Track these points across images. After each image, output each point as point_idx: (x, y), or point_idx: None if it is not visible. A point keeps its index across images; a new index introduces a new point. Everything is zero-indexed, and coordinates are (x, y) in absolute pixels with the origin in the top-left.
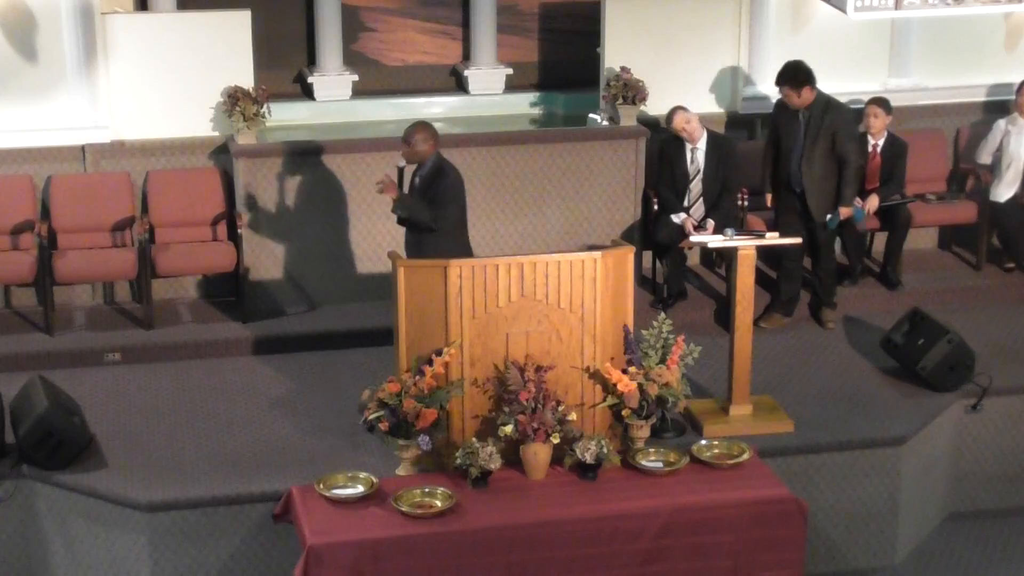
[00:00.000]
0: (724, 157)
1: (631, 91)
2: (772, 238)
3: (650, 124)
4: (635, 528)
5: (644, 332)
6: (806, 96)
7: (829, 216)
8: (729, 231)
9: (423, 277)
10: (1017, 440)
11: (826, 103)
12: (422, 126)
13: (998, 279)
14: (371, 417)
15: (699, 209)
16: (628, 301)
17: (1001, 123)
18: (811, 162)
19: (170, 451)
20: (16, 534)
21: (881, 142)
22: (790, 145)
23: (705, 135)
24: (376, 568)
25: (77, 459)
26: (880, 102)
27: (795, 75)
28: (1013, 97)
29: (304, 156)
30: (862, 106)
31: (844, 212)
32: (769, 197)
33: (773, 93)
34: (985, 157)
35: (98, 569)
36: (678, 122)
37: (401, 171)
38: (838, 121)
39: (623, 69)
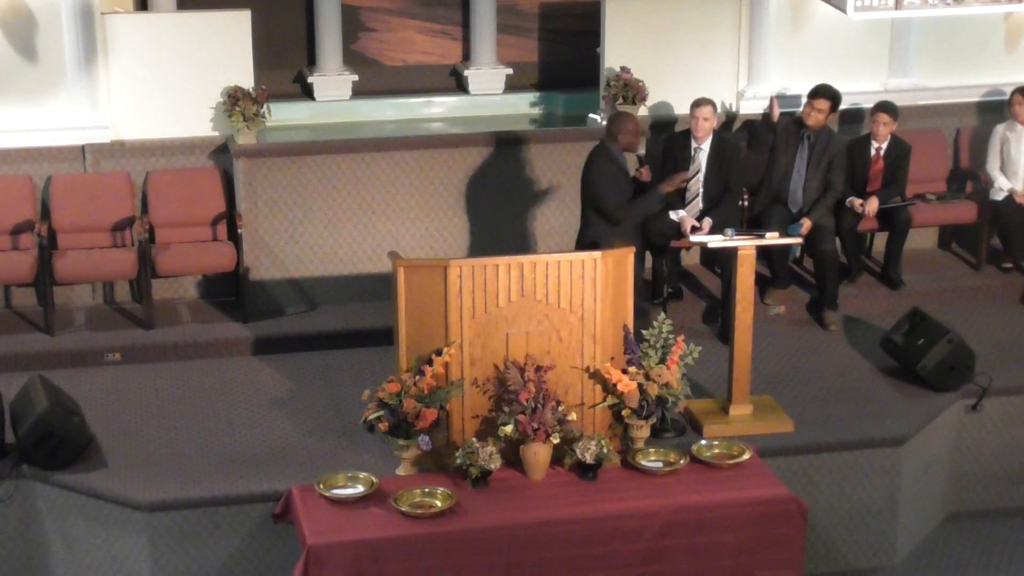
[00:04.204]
0: (728, 160)
1: (631, 91)
2: (772, 238)
3: (655, 123)
4: (635, 528)
5: (644, 332)
6: (827, 119)
7: (791, 226)
8: (729, 231)
9: (423, 277)
10: (1017, 440)
11: (830, 131)
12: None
13: (998, 279)
14: (371, 417)
15: (696, 208)
16: (628, 301)
17: (999, 128)
18: (811, 184)
19: (170, 451)
20: (16, 534)
21: (885, 145)
22: (788, 166)
23: (711, 137)
24: (376, 568)
25: (77, 459)
26: (887, 108)
27: (837, 95)
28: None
29: (304, 156)
30: (862, 107)
31: (806, 225)
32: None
33: (772, 93)
34: (994, 164)
35: (98, 569)
36: (704, 112)
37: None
38: (836, 150)
39: (623, 69)
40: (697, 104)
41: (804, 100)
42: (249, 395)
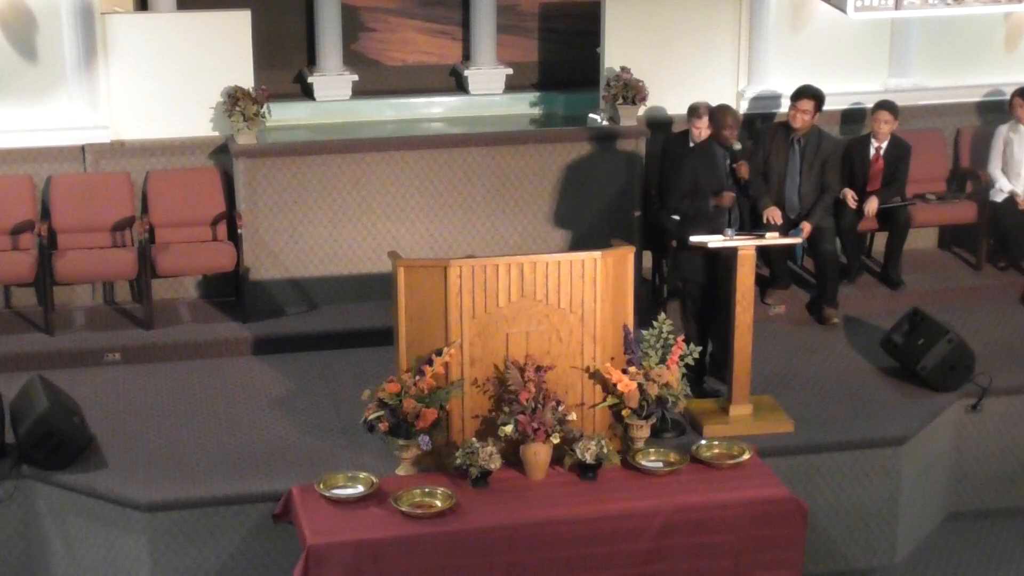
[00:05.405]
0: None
1: (631, 91)
2: (772, 238)
3: (662, 123)
4: (635, 528)
5: (644, 332)
6: (813, 119)
7: (792, 230)
8: (729, 231)
9: (423, 277)
10: (1017, 440)
11: (819, 132)
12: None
13: (998, 279)
14: (371, 417)
15: None
16: (628, 301)
17: (1003, 129)
18: (806, 189)
19: (170, 451)
20: (16, 534)
21: (885, 144)
22: (781, 172)
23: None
24: (376, 568)
25: (77, 459)
26: (889, 107)
27: (819, 94)
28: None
29: (304, 156)
30: (863, 107)
31: (806, 228)
32: (775, 210)
33: (772, 93)
34: (995, 165)
35: (98, 569)
36: (704, 122)
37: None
38: (829, 150)
39: (623, 69)
40: (699, 116)
41: (788, 103)
42: (249, 395)
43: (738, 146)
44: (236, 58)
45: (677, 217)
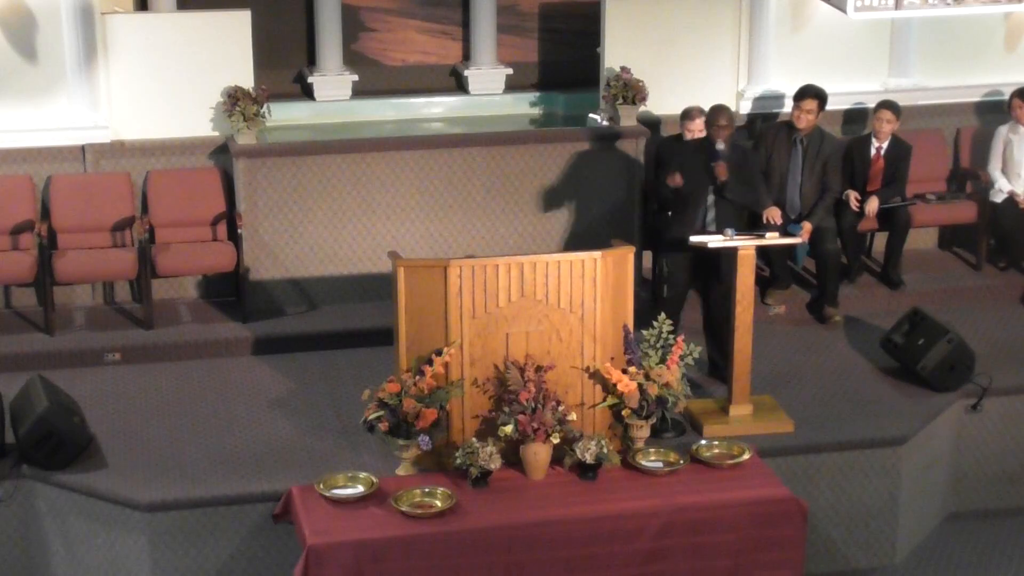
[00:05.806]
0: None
1: (631, 91)
2: (772, 238)
3: (651, 123)
4: (635, 528)
5: (644, 332)
6: (816, 119)
7: (790, 226)
8: (729, 231)
9: (423, 277)
10: (1017, 440)
11: (820, 132)
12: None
13: (998, 279)
14: (371, 417)
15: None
16: (628, 301)
17: (1002, 130)
18: (807, 189)
19: (170, 451)
20: (16, 534)
21: (885, 144)
22: (783, 171)
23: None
24: (376, 568)
25: (77, 459)
26: (891, 106)
27: (823, 94)
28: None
29: (304, 156)
30: (864, 107)
31: (807, 228)
32: (775, 210)
33: (772, 93)
34: (995, 165)
35: (98, 569)
36: (698, 124)
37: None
38: (830, 150)
39: (623, 69)
40: (691, 119)
41: (791, 103)
42: (249, 395)
43: (721, 146)
44: (236, 58)
45: (670, 213)
